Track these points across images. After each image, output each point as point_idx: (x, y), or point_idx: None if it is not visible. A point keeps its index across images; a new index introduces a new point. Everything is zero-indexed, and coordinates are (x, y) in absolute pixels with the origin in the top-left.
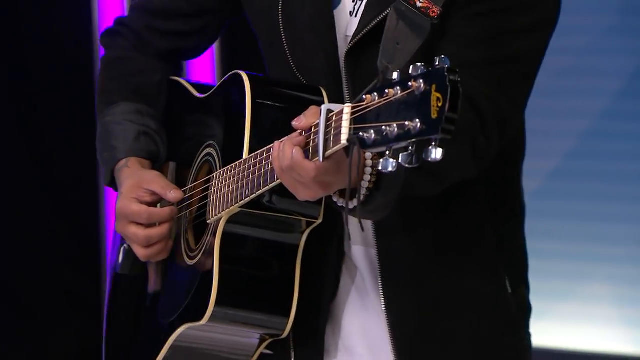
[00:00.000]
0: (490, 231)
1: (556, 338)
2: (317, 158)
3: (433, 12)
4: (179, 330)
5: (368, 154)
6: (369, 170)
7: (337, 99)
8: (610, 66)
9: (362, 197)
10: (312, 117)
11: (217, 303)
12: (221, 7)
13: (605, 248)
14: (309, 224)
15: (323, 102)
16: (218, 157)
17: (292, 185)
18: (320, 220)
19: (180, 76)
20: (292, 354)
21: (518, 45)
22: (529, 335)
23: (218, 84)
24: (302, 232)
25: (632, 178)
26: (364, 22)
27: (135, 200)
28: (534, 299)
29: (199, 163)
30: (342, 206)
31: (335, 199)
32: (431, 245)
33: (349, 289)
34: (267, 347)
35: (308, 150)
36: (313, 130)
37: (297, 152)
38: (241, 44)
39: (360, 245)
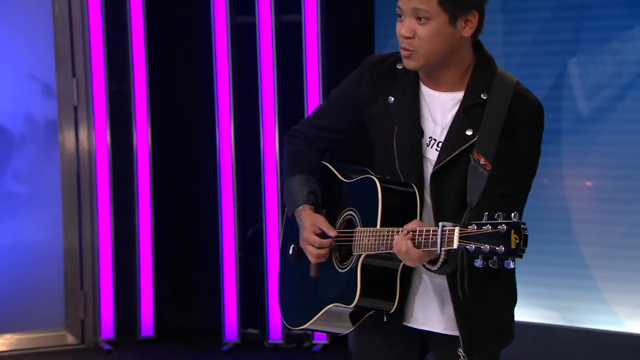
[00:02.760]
0: (506, 273)
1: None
2: (422, 249)
3: (488, 166)
4: (330, 305)
5: (442, 252)
6: (442, 257)
7: (420, 189)
8: None
9: (439, 265)
10: (414, 224)
11: (361, 296)
12: (353, 127)
13: None
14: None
15: (415, 194)
16: (358, 219)
17: (404, 258)
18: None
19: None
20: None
21: (525, 182)
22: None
23: (355, 178)
24: (400, 262)
25: None
26: (441, 158)
27: (313, 233)
28: None
29: (343, 216)
30: (429, 268)
31: (426, 265)
32: (479, 273)
33: (423, 290)
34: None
35: (414, 242)
36: (417, 231)
37: (410, 244)
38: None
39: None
